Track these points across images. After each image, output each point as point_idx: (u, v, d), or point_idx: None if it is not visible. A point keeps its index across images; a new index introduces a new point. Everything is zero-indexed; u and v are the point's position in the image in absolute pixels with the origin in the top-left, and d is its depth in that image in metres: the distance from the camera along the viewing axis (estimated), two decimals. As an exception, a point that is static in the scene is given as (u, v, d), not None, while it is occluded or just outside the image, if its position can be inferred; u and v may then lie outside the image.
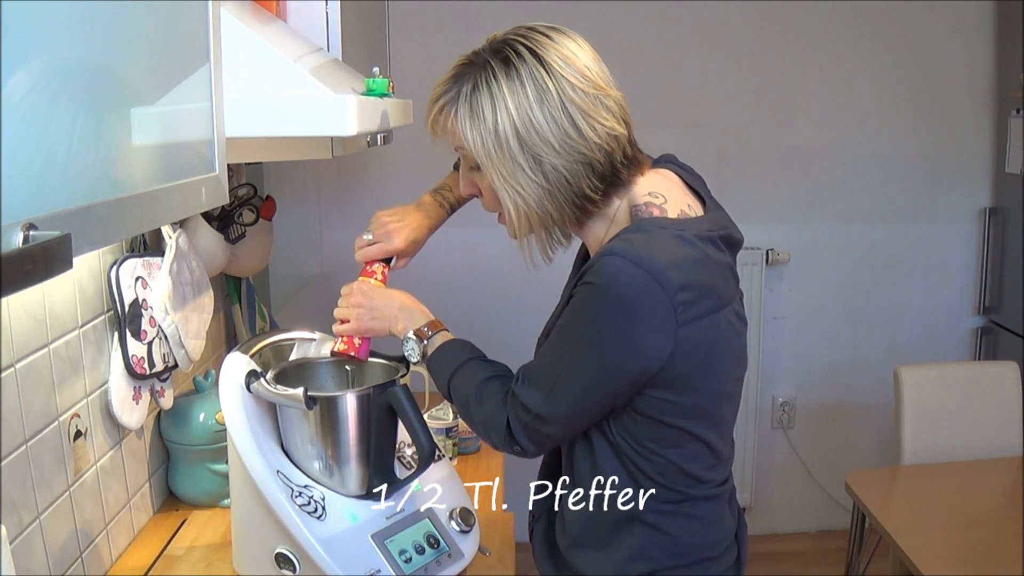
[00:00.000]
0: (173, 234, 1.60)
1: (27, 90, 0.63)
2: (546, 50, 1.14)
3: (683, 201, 1.22)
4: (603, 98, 1.15)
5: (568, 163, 1.14)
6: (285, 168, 2.74)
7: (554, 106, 1.12)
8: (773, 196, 3.18)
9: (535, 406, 1.16)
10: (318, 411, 1.31)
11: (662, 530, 1.21)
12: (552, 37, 1.16)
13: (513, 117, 1.13)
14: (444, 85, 1.19)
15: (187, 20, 0.93)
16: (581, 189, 1.16)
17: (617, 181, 1.18)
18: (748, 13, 3.06)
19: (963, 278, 3.28)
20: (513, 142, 1.13)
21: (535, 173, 1.14)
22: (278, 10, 1.47)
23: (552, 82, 1.12)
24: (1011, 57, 3.00)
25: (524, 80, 1.13)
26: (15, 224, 0.58)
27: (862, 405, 3.30)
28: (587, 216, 1.20)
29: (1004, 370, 2.55)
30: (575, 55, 1.15)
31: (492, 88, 1.14)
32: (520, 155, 1.14)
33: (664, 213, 1.18)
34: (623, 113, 1.18)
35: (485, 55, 1.16)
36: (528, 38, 1.16)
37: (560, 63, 1.13)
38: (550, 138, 1.13)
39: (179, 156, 0.93)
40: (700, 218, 1.21)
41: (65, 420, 1.33)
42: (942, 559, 1.89)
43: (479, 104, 1.14)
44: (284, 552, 1.28)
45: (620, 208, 1.21)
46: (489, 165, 1.16)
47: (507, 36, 1.18)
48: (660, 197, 1.20)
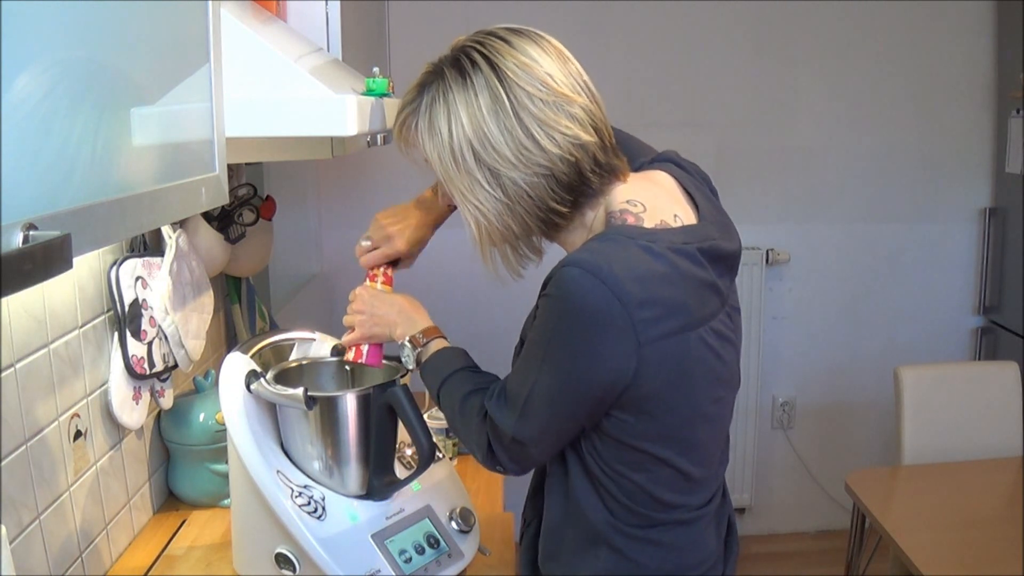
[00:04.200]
0: (173, 234, 1.60)
1: (27, 90, 0.62)
2: (502, 57, 1.09)
3: (668, 209, 1.14)
4: (566, 105, 1.08)
5: (527, 176, 1.08)
6: (285, 168, 2.74)
7: (508, 117, 1.07)
8: (773, 196, 3.18)
9: (509, 428, 1.12)
10: (318, 411, 1.31)
11: (628, 557, 1.16)
12: (511, 42, 1.10)
13: (466, 130, 1.08)
14: (408, 96, 1.16)
15: (187, 20, 0.93)
16: (545, 203, 1.10)
17: (587, 191, 1.12)
18: (748, 13, 3.06)
19: (963, 278, 3.28)
20: (469, 156, 1.09)
21: (493, 188, 1.09)
22: (278, 10, 1.47)
23: (505, 91, 1.07)
24: (1011, 57, 3.00)
25: (478, 90, 1.08)
26: (15, 224, 0.58)
27: (862, 405, 3.30)
28: (556, 229, 1.15)
29: (1004, 370, 2.55)
30: (534, 61, 1.09)
31: (448, 99, 1.10)
32: (477, 169, 1.09)
33: (639, 222, 1.11)
34: (593, 119, 1.11)
35: (443, 64, 1.12)
36: (485, 45, 1.10)
37: (516, 71, 1.08)
38: (505, 151, 1.08)
39: (179, 156, 0.93)
40: (679, 228, 1.12)
41: (65, 420, 1.33)
42: (942, 559, 1.89)
43: (436, 116, 1.11)
44: (284, 552, 1.28)
45: (597, 216, 1.15)
46: (447, 180, 1.12)
47: (465, 42, 1.13)
48: (638, 205, 1.12)
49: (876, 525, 2.10)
